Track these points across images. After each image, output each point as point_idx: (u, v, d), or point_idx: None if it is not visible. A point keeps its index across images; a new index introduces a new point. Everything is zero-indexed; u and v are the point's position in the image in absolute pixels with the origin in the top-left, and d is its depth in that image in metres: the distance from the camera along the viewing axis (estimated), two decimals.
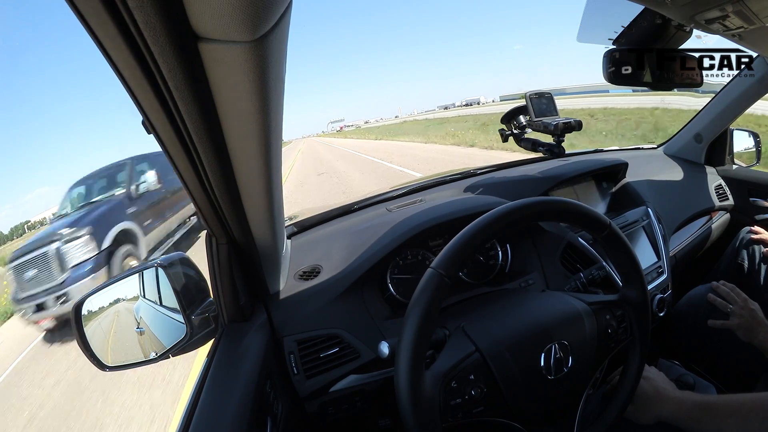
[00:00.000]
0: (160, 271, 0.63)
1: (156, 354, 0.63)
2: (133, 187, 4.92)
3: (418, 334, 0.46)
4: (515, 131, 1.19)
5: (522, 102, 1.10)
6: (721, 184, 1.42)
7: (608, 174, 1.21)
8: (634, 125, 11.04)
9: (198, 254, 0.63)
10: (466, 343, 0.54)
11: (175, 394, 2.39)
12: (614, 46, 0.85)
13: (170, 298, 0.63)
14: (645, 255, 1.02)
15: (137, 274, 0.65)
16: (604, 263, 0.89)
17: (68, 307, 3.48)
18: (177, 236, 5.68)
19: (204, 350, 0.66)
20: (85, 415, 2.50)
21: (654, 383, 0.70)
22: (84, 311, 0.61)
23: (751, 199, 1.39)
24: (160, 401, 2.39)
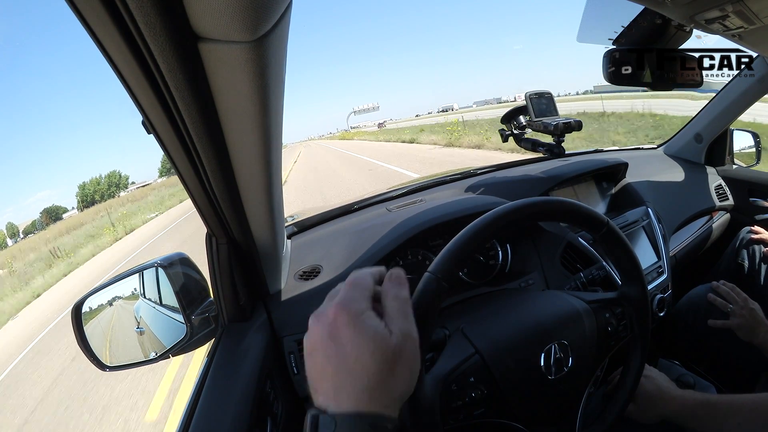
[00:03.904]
0: (160, 271, 0.63)
1: (156, 354, 0.63)
2: None
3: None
4: (515, 131, 1.19)
5: (492, 107, 1.10)
6: (721, 184, 1.42)
7: (608, 174, 1.21)
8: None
9: (198, 254, 0.63)
10: (466, 346, 0.54)
11: None
12: (614, 46, 0.85)
13: (170, 298, 0.63)
14: (645, 255, 1.02)
15: (137, 274, 0.65)
16: (603, 263, 0.89)
17: None
18: None
19: (204, 350, 0.66)
20: None
21: (656, 382, 0.70)
22: (84, 311, 0.61)
23: (751, 199, 1.40)
24: None
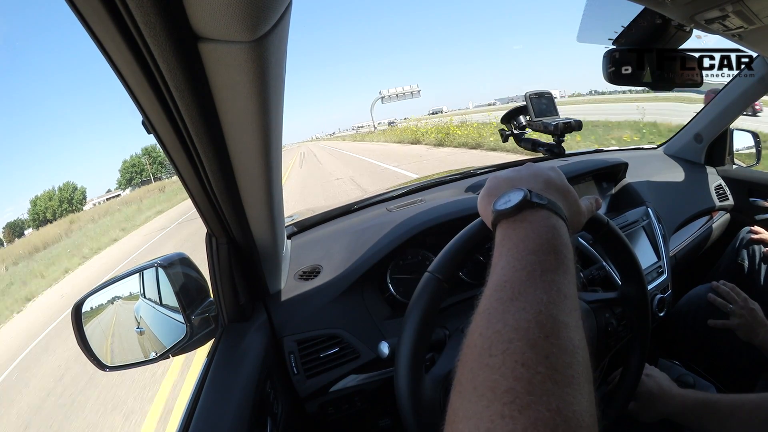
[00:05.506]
0: (160, 271, 0.63)
1: (156, 354, 0.63)
2: None
3: (416, 339, 0.46)
4: (515, 131, 1.18)
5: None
6: (721, 184, 1.42)
7: (608, 174, 1.21)
8: None
9: (198, 254, 0.63)
10: None
11: None
12: (614, 46, 0.85)
13: (170, 298, 0.63)
14: (645, 255, 1.02)
15: (137, 274, 0.65)
16: (603, 263, 0.89)
17: None
18: None
19: (204, 350, 0.66)
20: None
21: (658, 381, 0.70)
22: (84, 310, 0.61)
23: (751, 199, 1.40)
24: None
